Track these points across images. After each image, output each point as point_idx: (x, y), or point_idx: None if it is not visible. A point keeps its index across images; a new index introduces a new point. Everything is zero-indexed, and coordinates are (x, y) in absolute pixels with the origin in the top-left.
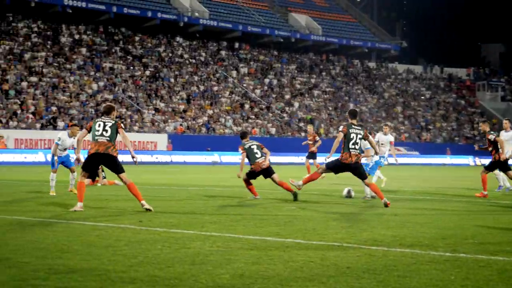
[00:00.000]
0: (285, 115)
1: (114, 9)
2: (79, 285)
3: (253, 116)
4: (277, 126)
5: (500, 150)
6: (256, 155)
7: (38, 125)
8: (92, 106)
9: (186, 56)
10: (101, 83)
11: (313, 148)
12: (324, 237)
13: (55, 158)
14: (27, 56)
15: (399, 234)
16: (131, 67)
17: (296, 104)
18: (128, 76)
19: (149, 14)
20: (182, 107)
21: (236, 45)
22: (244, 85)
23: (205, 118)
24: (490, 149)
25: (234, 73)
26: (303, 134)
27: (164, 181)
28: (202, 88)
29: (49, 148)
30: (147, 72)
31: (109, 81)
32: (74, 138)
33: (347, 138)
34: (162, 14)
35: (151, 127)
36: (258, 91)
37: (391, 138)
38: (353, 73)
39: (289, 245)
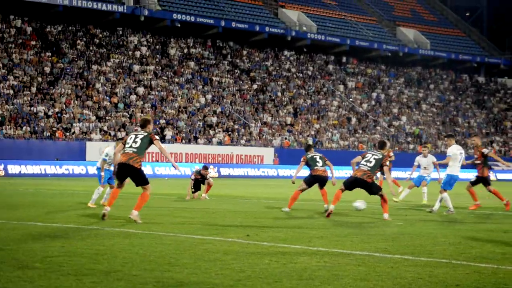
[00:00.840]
0: (392, 129)
1: (223, 23)
2: None
3: (360, 131)
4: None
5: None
6: (317, 164)
7: None
8: (199, 119)
9: (293, 70)
10: (209, 96)
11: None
12: (432, 254)
13: (102, 173)
14: (136, 69)
15: (509, 251)
16: (239, 81)
17: (404, 118)
18: (236, 89)
19: (257, 28)
20: (289, 120)
21: (344, 59)
22: (351, 99)
23: (312, 132)
24: (478, 162)
25: (341, 87)
26: (411, 146)
27: (271, 195)
28: (309, 102)
29: (157, 161)
30: (255, 86)
31: (217, 94)
32: None
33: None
34: (270, 28)
35: (258, 140)
36: (365, 105)
37: (433, 158)
38: (462, 88)
39: (397, 261)
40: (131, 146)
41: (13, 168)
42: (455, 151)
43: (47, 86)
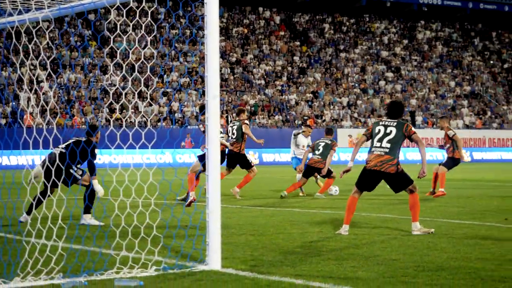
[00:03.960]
0: None
1: (470, 5)
2: (448, 283)
3: None
4: None
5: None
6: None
7: None
8: (449, 102)
9: None
10: (458, 79)
11: None
12: None
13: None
14: (384, 54)
15: None
16: (489, 62)
17: None
18: (486, 72)
19: (506, 8)
20: None
21: None
22: None
23: None
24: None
25: None
26: None
27: None
28: None
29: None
30: (505, 67)
31: (466, 77)
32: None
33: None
34: None
35: (511, 123)
36: None
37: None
38: None
39: None
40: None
41: (267, 156)
42: None
43: (297, 74)
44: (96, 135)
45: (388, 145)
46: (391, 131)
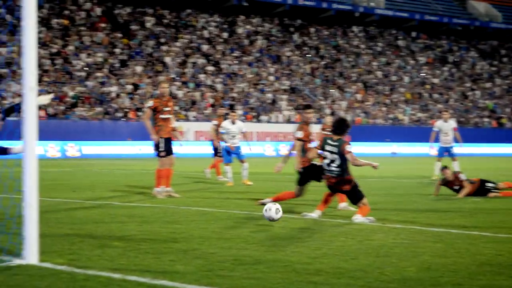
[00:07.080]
0: (464, 104)
1: (290, 0)
2: (264, 276)
3: (432, 105)
4: (458, 115)
5: None
6: None
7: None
8: (268, 96)
9: (362, 46)
10: (278, 74)
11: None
12: None
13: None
14: (204, 48)
15: None
16: (308, 58)
17: (477, 93)
18: (305, 67)
19: (324, 5)
20: (359, 96)
21: (414, 34)
22: (422, 73)
23: (384, 108)
24: None
25: (411, 62)
26: (485, 121)
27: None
28: (379, 77)
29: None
30: (323, 63)
31: (285, 71)
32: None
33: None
34: (337, 4)
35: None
36: (436, 80)
37: (453, 124)
38: None
39: (476, 237)
40: None
41: (88, 149)
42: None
43: (118, 66)
44: None
45: (337, 169)
46: (333, 155)
